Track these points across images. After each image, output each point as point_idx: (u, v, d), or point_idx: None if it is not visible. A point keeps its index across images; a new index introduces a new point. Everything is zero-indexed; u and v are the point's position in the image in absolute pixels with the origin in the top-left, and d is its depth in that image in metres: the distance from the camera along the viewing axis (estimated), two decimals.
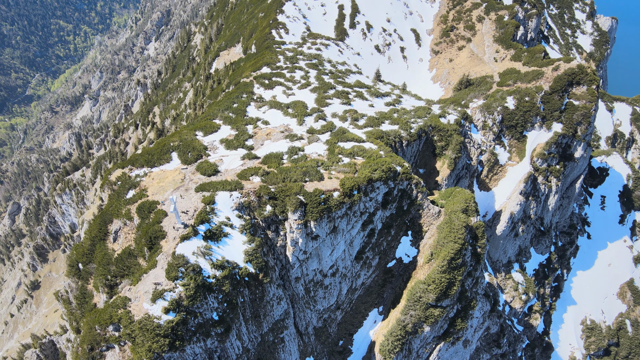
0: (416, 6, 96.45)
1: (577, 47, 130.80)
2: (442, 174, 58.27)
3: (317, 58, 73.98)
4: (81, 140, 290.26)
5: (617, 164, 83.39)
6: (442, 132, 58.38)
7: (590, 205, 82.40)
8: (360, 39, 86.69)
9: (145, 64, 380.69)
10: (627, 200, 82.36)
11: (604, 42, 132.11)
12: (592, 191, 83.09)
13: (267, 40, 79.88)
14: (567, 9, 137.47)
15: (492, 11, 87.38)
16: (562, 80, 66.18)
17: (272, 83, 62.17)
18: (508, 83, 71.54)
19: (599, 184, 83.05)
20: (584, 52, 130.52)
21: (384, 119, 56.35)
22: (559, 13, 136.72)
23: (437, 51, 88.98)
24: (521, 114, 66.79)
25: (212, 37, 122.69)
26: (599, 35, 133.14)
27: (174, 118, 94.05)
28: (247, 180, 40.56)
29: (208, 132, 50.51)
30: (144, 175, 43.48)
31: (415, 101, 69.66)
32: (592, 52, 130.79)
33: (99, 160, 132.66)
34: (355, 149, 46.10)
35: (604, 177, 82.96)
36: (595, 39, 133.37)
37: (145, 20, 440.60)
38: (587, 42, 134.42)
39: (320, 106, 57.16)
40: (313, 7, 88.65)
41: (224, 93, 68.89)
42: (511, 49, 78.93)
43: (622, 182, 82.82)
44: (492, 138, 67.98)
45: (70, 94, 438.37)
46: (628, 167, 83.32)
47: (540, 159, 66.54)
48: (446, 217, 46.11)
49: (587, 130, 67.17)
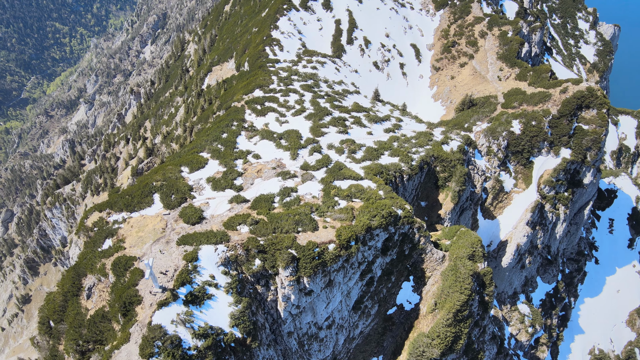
0: (416, 20, 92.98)
1: (580, 57, 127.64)
2: (445, 208, 54.81)
3: (312, 78, 70.46)
4: (75, 147, 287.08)
5: (625, 186, 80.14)
6: (445, 162, 54.95)
7: (598, 228, 79.12)
8: (358, 55, 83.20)
9: (141, 67, 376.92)
10: (636, 223, 79.11)
11: (607, 52, 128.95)
12: (600, 214, 79.82)
13: (260, 58, 76.34)
14: (570, 19, 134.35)
15: (495, 26, 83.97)
16: (571, 103, 62.82)
17: (265, 109, 58.64)
18: (513, 105, 68.13)
19: (607, 206, 79.78)
20: (587, 62, 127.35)
21: (383, 149, 52.88)
22: (562, 22, 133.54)
23: (438, 67, 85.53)
24: (528, 139, 63.40)
25: (205, 49, 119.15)
26: (602, 46, 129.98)
27: (165, 136, 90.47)
28: (235, 230, 37.05)
29: (194, 168, 46.97)
30: (123, 221, 39.94)
31: (415, 124, 66.22)
32: (595, 63, 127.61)
33: (89, 175, 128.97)
34: (353, 190, 42.62)
35: (612, 199, 79.70)
36: (599, 49, 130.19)
37: (141, 23, 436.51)
38: (590, 52, 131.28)
39: (316, 136, 53.65)
40: (309, 22, 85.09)
41: (214, 119, 65.40)
42: (516, 67, 75.52)
43: (631, 205, 79.56)
44: (497, 164, 64.57)
45: (66, 98, 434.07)
46: (637, 189, 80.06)
47: (547, 186, 63.20)
48: (451, 264, 42.69)
49: (597, 156, 63.82)
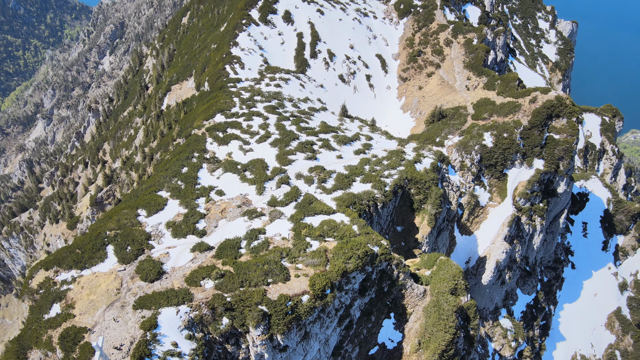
0: (380, 29, 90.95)
1: (542, 56, 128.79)
2: (422, 232, 52.68)
3: (276, 97, 67.35)
4: (33, 167, 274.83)
5: (596, 188, 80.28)
6: (419, 184, 52.82)
7: (572, 233, 78.95)
8: (323, 69, 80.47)
9: (100, 79, 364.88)
10: (609, 225, 79.31)
11: (568, 51, 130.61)
12: (573, 218, 79.70)
13: (220, 78, 72.68)
14: (530, 19, 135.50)
15: (459, 34, 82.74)
16: (541, 113, 61.85)
17: (227, 137, 55.19)
18: (483, 116, 66.82)
19: (580, 210, 79.73)
20: (550, 61, 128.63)
21: (354, 175, 50.32)
22: (523, 23, 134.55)
23: (405, 78, 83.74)
24: (500, 151, 62.09)
25: (163, 64, 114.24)
26: (563, 44, 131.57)
27: (124, 162, 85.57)
28: (198, 286, 33.67)
29: (153, 210, 43.19)
30: (72, 280, 35.97)
31: (386, 142, 64.00)
32: (557, 62, 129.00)
33: (47, 202, 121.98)
34: (325, 227, 39.79)
35: (584, 202, 79.69)
36: (560, 47, 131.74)
37: (98, 33, 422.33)
38: (552, 51, 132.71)
39: (283, 165, 50.60)
40: (270, 36, 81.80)
41: (174, 146, 61.46)
42: (483, 76, 74.37)
43: (602, 207, 79.73)
44: (471, 179, 63.02)
45: (22, 114, 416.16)
46: (607, 191, 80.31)
47: (523, 199, 62.06)
48: (433, 299, 40.43)
49: (570, 165, 63.12)
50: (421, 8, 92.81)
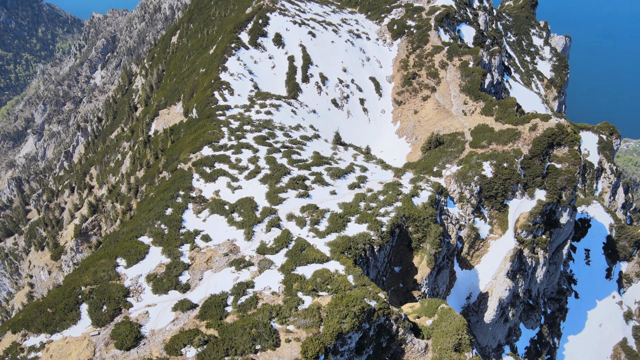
0: (373, 51, 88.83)
1: (537, 73, 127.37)
2: (421, 272, 49.88)
3: (267, 126, 64.70)
4: (22, 186, 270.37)
5: (598, 214, 78.03)
6: (417, 221, 50.10)
7: (575, 260, 76.48)
8: (315, 93, 78.05)
9: (91, 94, 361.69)
10: (612, 252, 76.94)
11: (563, 67, 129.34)
12: (575, 245, 77.27)
13: (208, 105, 70.02)
14: (524, 35, 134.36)
15: (455, 56, 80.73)
16: (542, 142, 59.58)
17: (215, 173, 52.36)
18: (482, 144, 64.46)
19: (582, 236, 77.34)
20: (545, 78, 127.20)
21: (349, 214, 47.52)
22: (517, 40, 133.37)
23: (400, 101, 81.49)
24: (500, 182, 59.63)
25: (152, 85, 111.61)
26: (557, 61, 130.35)
27: (110, 190, 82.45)
28: (179, 355, 30.59)
29: (133, 260, 40.15)
30: (41, 347, 32.82)
31: (381, 172, 61.35)
32: (552, 78, 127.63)
33: (32, 227, 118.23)
34: (318, 280, 36.88)
35: (586, 229, 77.35)
36: (555, 64, 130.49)
37: (90, 47, 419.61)
38: (546, 67, 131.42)
39: (273, 204, 47.77)
40: (260, 60, 79.37)
41: (160, 180, 58.54)
42: (480, 100, 72.21)
43: (605, 233, 77.41)
44: (470, 211, 60.43)
45: (12, 129, 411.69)
46: (610, 216, 78.09)
47: (524, 231, 59.56)
48: (436, 356, 37.55)
49: (572, 195, 60.71)
50: (415, 29, 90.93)
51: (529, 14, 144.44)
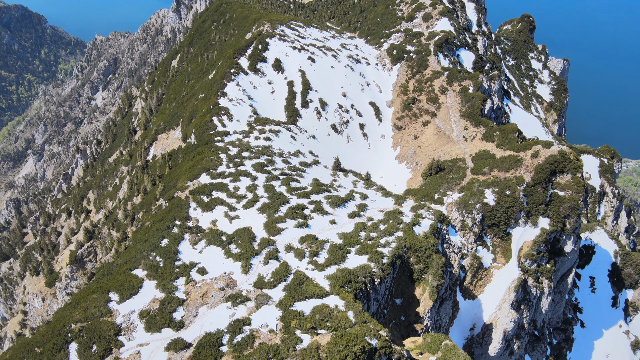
0: (373, 76, 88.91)
1: (536, 97, 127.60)
2: (423, 305, 48.47)
3: (266, 152, 64.00)
4: (21, 207, 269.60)
5: (602, 240, 76.80)
6: (418, 252, 48.90)
7: (580, 288, 74.93)
8: (315, 119, 77.70)
9: (92, 115, 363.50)
10: (617, 279, 75.48)
11: (562, 91, 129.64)
12: (580, 272, 75.81)
13: (207, 131, 69.51)
14: (523, 59, 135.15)
15: (455, 81, 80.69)
16: (545, 169, 58.80)
17: (212, 202, 51.41)
18: (483, 171, 63.68)
19: (586, 263, 75.96)
20: (544, 101, 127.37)
21: (349, 245, 46.38)
22: (516, 64, 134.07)
23: (400, 126, 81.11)
24: (503, 210, 58.64)
25: (152, 109, 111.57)
26: (557, 84, 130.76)
27: (107, 216, 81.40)
28: None
29: (126, 294, 38.87)
30: None
31: (382, 199, 60.36)
32: (552, 102, 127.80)
33: (28, 252, 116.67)
34: (317, 317, 35.56)
35: (590, 255, 76.01)
36: (554, 87, 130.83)
37: (92, 68, 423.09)
38: (546, 91, 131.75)
39: (271, 235, 46.68)
40: (259, 85, 79.25)
41: (156, 208, 57.55)
42: (481, 126, 71.75)
43: (610, 260, 76.04)
44: (473, 239, 59.27)
45: (12, 150, 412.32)
46: (614, 243, 76.85)
47: (528, 260, 58.28)
48: None
49: (577, 223, 59.66)
50: (414, 54, 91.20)
51: (527, 38, 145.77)
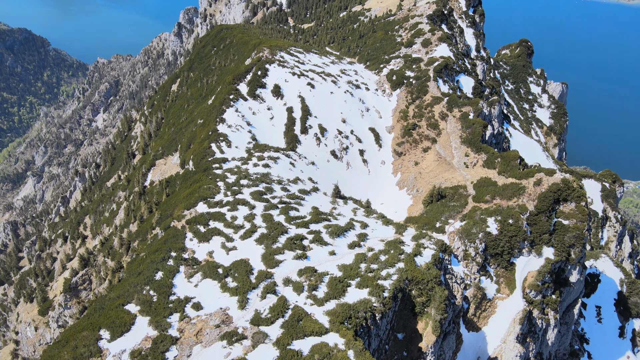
0: (372, 101, 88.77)
1: (536, 121, 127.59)
2: (426, 340, 46.86)
3: (264, 180, 63.12)
4: (18, 230, 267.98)
5: (607, 268, 75.34)
6: (420, 284, 47.52)
7: (586, 318, 73.10)
8: (314, 145, 77.09)
9: (92, 137, 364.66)
10: (624, 308, 73.72)
11: (562, 114, 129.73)
12: (585, 302, 74.10)
13: (205, 157, 68.81)
14: (522, 83, 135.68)
15: (455, 107, 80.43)
16: (548, 198, 57.84)
17: (209, 232, 50.27)
18: (485, 198, 62.72)
19: (592, 292, 74.31)
20: (544, 125, 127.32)
21: (349, 277, 45.06)
22: (515, 88, 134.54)
23: (400, 152, 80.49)
24: (506, 239, 57.45)
25: (151, 133, 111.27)
26: (556, 108, 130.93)
27: (102, 243, 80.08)
28: None
29: (117, 332, 37.41)
30: None
31: (382, 228, 59.22)
32: (552, 126, 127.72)
33: (22, 277, 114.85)
34: (316, 358, 34.10)
35: (596, 284, 74.42)
36: (553, 111, 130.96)
37: (93, 91, 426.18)
38: (545, 115, 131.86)
39: (269, 267, 45.41)
40: (258, 111, 78.96)
41: (152, 237, 56.38)
42: (482, 152, 71.10)
43: (615, 289, 74.44)
44: (476, 269, 57.92)
45: (12, 171, 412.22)
46: (619, 271, 75.38)
47: (533, 291, 56.81)
48: None
49: (582, 253, 58.35)
50: (414, 79, 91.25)
51: (526, 62, 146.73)
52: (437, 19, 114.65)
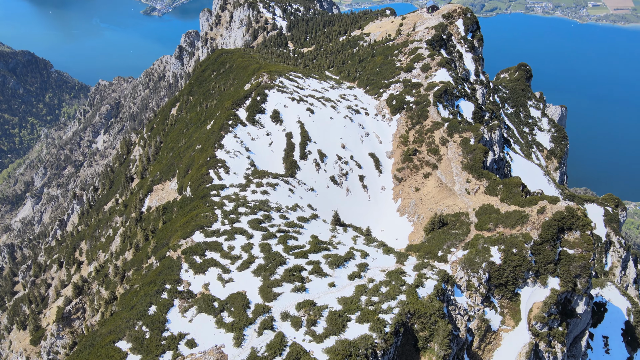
0: (372, 126, 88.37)
1: (537, 144, 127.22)
2: None
3: (263, 207, 62.01)
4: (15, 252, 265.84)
5: (614, 297, 73.65)
6: (423, 318, 45.98)
7: (593, 349, 71.04)
8: (314, 170, 76.29)
9: (92, 158, 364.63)
10: (632, 339, 71.73)
11: (562, 138, 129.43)
12: (592, 332, 72.14)
13: (203, 184, 67.85)
14: (521, 107, 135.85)
15: (455, 132, 79.90)
16: (552, 227, 56.65)
17: (205, 263, 48.96)
18: (488, 227, 61.51)
19: (599, 322, 72.46)
20: (545, 149, 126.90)
21: (349, 312, 43.54)
22: (515, 112, 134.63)
23: (401, 178, 79.62)
24: (510, 269, 56.04)
25: (149, 157, 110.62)
26: (556, 132, 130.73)
27: (97, 270, 78.50)
28: None
29: None
30: None
31: (383, 257, 57.86)
32: (552, 149, 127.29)
33: (16, 304, 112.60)
34: None
35: (602, 313, 72.63)
36: (554, 135, 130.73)
37: (94, 112, 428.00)
38: (545, 138, 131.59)
39: (267, 300, 43.94)
40: (257, 137, 78.41)
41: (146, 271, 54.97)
42: (483, 179, 70.18)
43: (623, 318, 72.59)
44: (479, 300, 56.31)
45: (11, 192, 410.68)
46: (626, 300, 73.67)
47: (539, 323, 55.12)
48: None
49: (588, 283, 56.85)
50: (414, 104, 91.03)
51: (525, 86, 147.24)
52: (436, 44, 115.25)
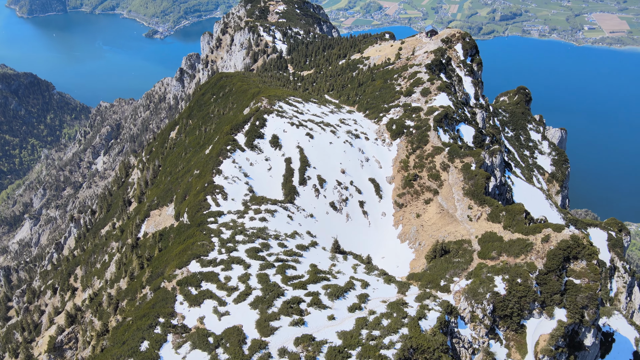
0: (372, 151, 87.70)
1: (537, 168, 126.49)
2: None
3: (261, 235, 60.71)
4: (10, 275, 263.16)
5: (621, 327, 71.68)
6: (426, 353, 44.24)
7: None
8: (313, 196, 75.24)
9: (92, 180, 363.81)
10: None
11: (563, 161, 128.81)
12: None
13: (200, 210, 66.69)
14: (522, 130, 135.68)
15: (456, 158, 79.15)
16: (558, 256, 55.24)
17: (201, 295, 47.45)
18: (492, 255, 60.11)
19: (607, 352, 70.23)
20: (546, 172, 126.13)
21: (349, 347, 41.90)
22: (515, 135, 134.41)
23: (401, 204, 78.51)
24: (515, 300, 54.41)
25: (147, 181, 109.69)
26: (557, 155, 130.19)
27: (92, 298, 76.73)
28: None
29: None
30: None
31: (384, 287, 56.35)
32: (553, 172, 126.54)
33: (9, 331, 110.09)
34: None
35: (610, 344, 70.49)
36: (554, 158, 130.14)
37: (95, 134, 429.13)
38: (546, 162, 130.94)
39: (264, 335, 42.32)
40: (256, 162, 77.61)
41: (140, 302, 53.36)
42: (486, 205, 69.04)
43: (631, 348, 70.48)
44: (484, 332, 54.49)
45: (10, 214, 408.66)
46: (634, 329, 71.69)
47: (547, 356, 53.14)
48: None
49: (596, 314, 55.12)
50: (414, 129, 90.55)
51: (525, 109, 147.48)
52: (435, 68, 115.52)
